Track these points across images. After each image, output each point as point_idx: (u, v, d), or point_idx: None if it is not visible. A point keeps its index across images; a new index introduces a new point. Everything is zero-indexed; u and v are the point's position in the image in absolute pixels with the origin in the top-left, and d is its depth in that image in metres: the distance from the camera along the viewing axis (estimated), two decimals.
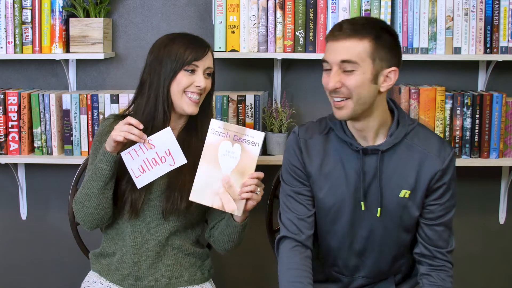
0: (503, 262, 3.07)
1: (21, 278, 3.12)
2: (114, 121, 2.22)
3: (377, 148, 2.01)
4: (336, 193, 2.06)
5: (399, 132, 2.02)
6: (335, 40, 1.93)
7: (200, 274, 2.26)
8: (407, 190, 2.01)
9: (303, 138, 2.11)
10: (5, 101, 2.79)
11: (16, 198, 3.06)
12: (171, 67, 2.13)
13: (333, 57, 1.94)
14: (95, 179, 2.08)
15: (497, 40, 2.73)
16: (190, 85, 2.14)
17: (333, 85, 1.94)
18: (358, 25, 1.93)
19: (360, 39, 1.91)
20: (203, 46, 2.19)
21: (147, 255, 2.18)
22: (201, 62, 2.15)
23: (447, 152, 2.02)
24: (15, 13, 2.76)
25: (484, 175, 2.97)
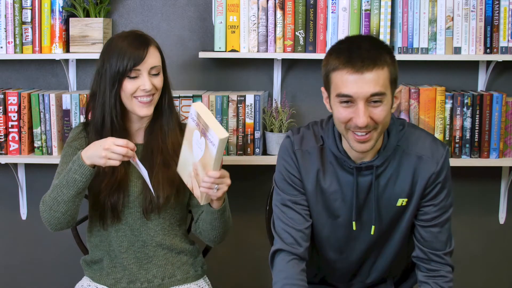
0: (503, 262, 3.07)
1: (21, 278, 3.12)
2: (83, 128, 2.23)
3: (371, 165, 1.92)
4: (331, 208, 1.99)
5: (391, 141, 1.93)
6: (358, 72, 1.76)
7: (193, 271, 2.25)
8: (404, 199, 1.96)
9: (299, 149, 2.00)
10: (5, 101, 2.79)
11: (16, 198, 3.06)
12: (113, 77, 2.10)
13: (360, 92, 1.77)
14: (67, 187, 2.02)
15: (497, 40, 2.73)
16: (136, 90, 2.11)
17: (367, 122, 1.78)
18: (374, 51, 1.78)
19: (382, 67, 1.78)
20: (142, 46, 2.11)
21: (136, 257, 2.18)
22: (143, 65, 2.10)
23: (440, 153, 1.95)
24: (15, 13, 2.76)
25: (484, 175, 2.97)
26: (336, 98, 1.82)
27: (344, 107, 1.81)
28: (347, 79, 1.77)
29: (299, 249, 1.98)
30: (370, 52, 1.77)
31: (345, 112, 1.81)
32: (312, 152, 1.99)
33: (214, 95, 2.77)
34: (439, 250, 1.98)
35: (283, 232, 2.00)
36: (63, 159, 2.18)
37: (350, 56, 1.77)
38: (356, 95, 1.78)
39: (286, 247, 1.98)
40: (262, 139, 2.80)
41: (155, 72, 2.14)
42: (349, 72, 1.77)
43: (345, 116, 1.81)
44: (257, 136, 2.78)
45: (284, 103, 2.82)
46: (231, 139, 2.78)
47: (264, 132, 2.83)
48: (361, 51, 1.77)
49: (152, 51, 2.13)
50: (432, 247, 1.99)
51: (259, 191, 2.89)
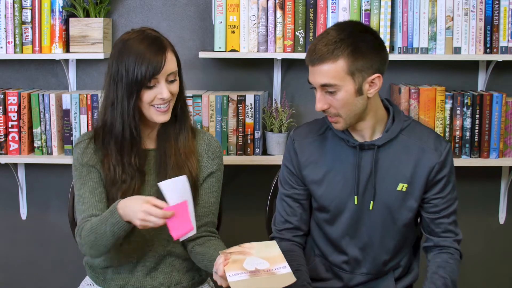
0: (503, 262, 3.07)
1: (21, 278, 3.12)
2: (89, 141, 2.12)
3: (373, 143, 2.04)
4: (334, 190, 2.09)
5: (395, 127, 2.06)
6: (311, 64, 1.97)
7: (198, 276, 2.23)
8: (405, 184, 2.05)
9: (298, 140, 2.16)
10: (5, 101, 2.79)
11: (16, 198, 3.06)
12: (130, 86, 2.00)
13: (314, 81, 1.99)
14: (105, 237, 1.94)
15: (497, 40, 2.73)
16: (154, 98, 2.03)
17: (321, 107, 2.00)
18: (331, 45, 1.94)
19: (334, 60, 1.94)
20: (160, 52, 2.02)
21: (145, 266, 2.14)
22: (161, 74, 2.01)
23: (443, 146, 2.06)
24: (15, 13, 2.76)
25: (484, 175, 2.97)
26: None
27: (315, 92, 2.03)
28: (309, 70, 2.01)
29: (286, 235, 2.18)
30: (326, 46, 1.94)
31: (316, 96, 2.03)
32: (312, 139, 2.14)
33: (214, 95, 2.77)
34: (447, 238, 2.10)
35: (277, 222, 2.21)
36: (80, 181, 2.09)
37: (310, 48, 1.99)
38: (313, 83, 2.01)
39: (277, 234, 2.19)
40: (262, 139, 2.80)
41: (172, 78, 2.05)
42: (308, 63, 2.00)
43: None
44: (257, 136, 2.78)
45: (284, 103, 2.82)
46: (231, 139, 2.78)
47: (264, 132, 2.83)
48: (319, 45, 1.96)
49: (170, 56, 2.04)
50: (441, 237, 2.11)
51: (259, 191, 2.89)
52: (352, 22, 2.08)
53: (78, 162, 2.11)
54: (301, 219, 2.19)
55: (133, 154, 2.08)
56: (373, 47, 1.98)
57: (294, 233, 2.19)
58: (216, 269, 1.88)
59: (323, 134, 2.13)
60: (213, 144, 2.20)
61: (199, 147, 2.18)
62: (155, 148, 2.14)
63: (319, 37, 1.99)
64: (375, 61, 1.97)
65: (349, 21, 2.08)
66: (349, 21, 2.08)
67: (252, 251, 1.89)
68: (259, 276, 1.82)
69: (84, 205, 2.06)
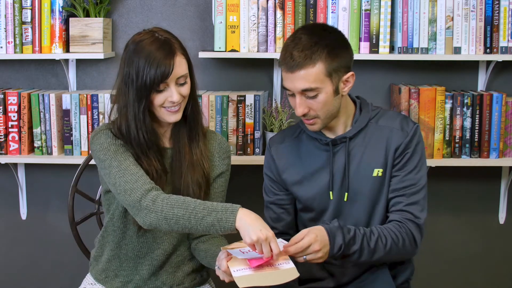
0: (503, 262, 3.07)
1: (21, 278, 3.12)
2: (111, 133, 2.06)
3: (344, 136, 2.09)
4: (314, 188, 2.13)
5: (363, 117, 2.11)
6: (290, 71, 1.98)
7: (199, 277, 2.24)
8: (380, 169, 2.08)
9: (273, 146, 2.21)
10: (5, 101, 2.79)
11: (16, 198, 3.06)
12: (140, 90, 1.99)
13: (293, 87, 2.00)
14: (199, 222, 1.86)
15: (497, 40, 2.73)
16: (164, 101, 2.03)
17: (302, 112, 2.02)
18: (307, 50, 1.96)
19: (313, 64, 1.96)
20: (169, 55, 2.00)
21: (152, 264, 2.14)
22: (170, 78, 2.00)
23: (410, 126, 2.09)
24: (15, 13, 2.76)
25: (484, 175, 2.97)
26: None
27: (290, 97, 2.06)
28: (285, 76, 2.01)
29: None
30: (302, 51, 1.96)
31: (292, 102, 2.05)
32: (287, 143, 2.19)
33: (214, 95, 2.77)
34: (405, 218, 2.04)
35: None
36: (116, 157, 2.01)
37: (285, 55, 2.00)
38: (292, 89, 2.01)
39: None
40: (262, 139, 2.80)
41: (182, 81, 2.04)
42: (284, 70, 2.01)
43: (292, 105, 2.06)
44: (257, 136, 2.78)
45: (284, 103, 2.82)
46: (231, 139, 2.78)
47: (264, 132, 2.83)
48: (294, 51, 1.97)
49: (179, 60, 2.02)
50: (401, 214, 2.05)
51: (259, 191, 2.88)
52: (317, 24, 2.14)
53: (110, 143, 2.04)
54: (286, 224, 2.22)
55: (152, 155, 2.06)
56: (342, 45, 2.03)
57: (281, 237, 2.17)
58: (218, 265, 1.89)
59: (297, 137, 2.19)
60: (223, 144, 2.23)
61: (210, 146, 2.20)
62: (171, 147, 2.15)
63: (291, 44, 1.99)
64: (347, 59, 2.03)
65: (314, 24, 2.13)
66: (314, 24, 2.13)
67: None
68: (263, 271, 1.82)
69: (133, 176, 1.95)
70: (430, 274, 3.05)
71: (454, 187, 2.98)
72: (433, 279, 3.05)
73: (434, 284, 3.05)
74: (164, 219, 1.87)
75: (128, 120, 2.04)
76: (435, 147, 2.75)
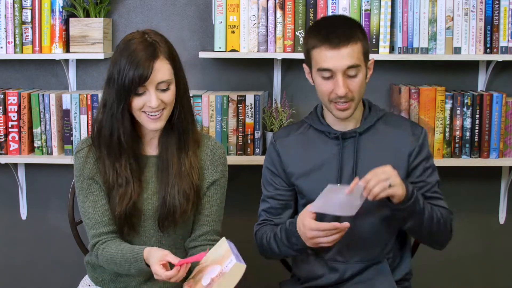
0: (503, 262, 3.07)
1: (21, 278, 3.12)
2: (89, 149, 2.10)
3: (355, 131, 2.11)
4: (320, 182, 2.08)
5: (372, 116, 2.14)
6: (336, 48, 1.99)
7: None
8: None
9: (279, 139, 2.21)
10: (5, 101, 2.79)
11: (16, 198, 3.06)
12: (119, 92, 1.98)
13: (338, 65, 2.00)
14: (132, 274, 2.05)
15: (497, 40, 2.73)
16: (143, 105, 1.99)
17: (345, 91, 2.01)
18: (348, 29, 2.02)
19: (355, 42, 2.01)
20: (150, 58, 1.96)
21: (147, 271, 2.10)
22: (149, 82, 1.96)
23: (419, 130, 2.14)
24: (15, 13, 2.76)
25: (484, 175, 2.97)
26: (318, 73, 2.06)
27: (325, 80, 2.04)
28: (326, 55, 2.01)
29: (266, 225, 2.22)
30: (344, 30, 2.01)
31: (327, 85, 2.04)
32: (293, 137, 2.19)
33: (214, 95, 2.77)
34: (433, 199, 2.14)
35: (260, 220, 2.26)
36: (82, 193, 2.09)
37: (327, 34, 2.01)
38: (335, 69, 2.01)
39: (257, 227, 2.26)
40: (262, 139, 2.80)
41: (164, 87, 1.99)
42: (327, 48, 2.00)
43: (327, 88, 2.05)
44: (257, 136, 2.78)
45: (284, 103, 2.82)
46: (231, 139, 2.78)
47: (264, 132, 2.83)
48: (336, 29, 2.01)
49: (160, 65, 1.97)
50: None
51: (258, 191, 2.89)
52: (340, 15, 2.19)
53: (79, 173, 2.11)
54: (281, 218, 2.21)
55: (124, 159, 2.05)
56: (365, 34, 2.09)
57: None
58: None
59: (303, 132, 2.19)
60: (217, 150, 2.16)
61: (202, 154, 2.14)
62: (157, 155, 2.11)
63: (330, 24, 2.06)
64: (367, 42, 2.09)
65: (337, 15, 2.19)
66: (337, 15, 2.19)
67: (208, 262, 1.91)
68: (214, 285, 1.83)
69: (90, 220, 2.09)
70: (430, 274, 3.05)
71: (454, 187, 2.98)
72: (433, 279, 3.05)
73: (434, 284, 3.05)
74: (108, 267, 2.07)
75: (106, 120, 2.03)
76: (435, 147, 2.75)
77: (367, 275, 2.16)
